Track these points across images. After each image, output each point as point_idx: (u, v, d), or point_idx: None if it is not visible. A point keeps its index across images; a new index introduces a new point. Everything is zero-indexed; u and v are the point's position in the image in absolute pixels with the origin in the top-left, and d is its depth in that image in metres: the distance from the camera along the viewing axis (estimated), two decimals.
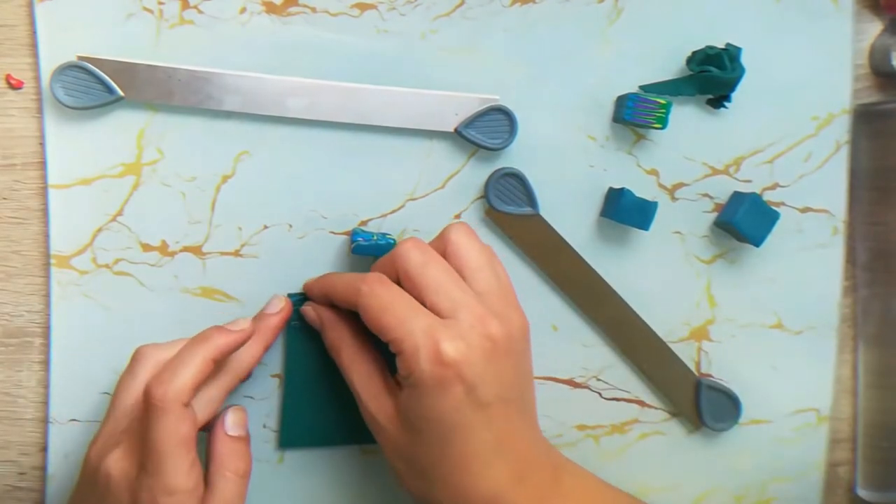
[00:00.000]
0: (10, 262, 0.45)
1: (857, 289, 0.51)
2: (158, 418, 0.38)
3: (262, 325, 0.44)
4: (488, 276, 0.41)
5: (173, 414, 0.38)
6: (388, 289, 0.40)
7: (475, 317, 0.39)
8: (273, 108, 0.45)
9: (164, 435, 0.38)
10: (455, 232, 0.42)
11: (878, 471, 0.50)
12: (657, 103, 0.46)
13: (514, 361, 0.41)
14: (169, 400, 0.38)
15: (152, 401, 0.38)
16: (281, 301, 0.45)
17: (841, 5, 0.48)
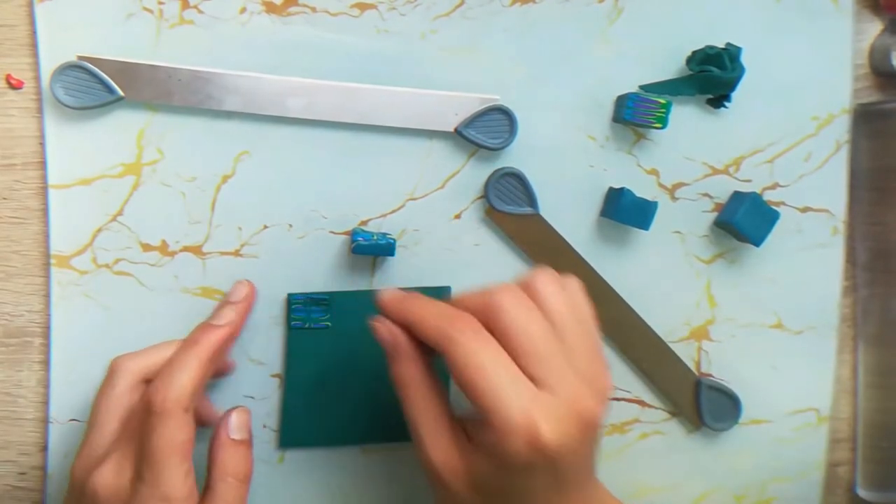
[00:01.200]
0: (10, 262, 0.45)
1: (857, 289, 0.51)
2: (159, 424, 0.38)
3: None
4: (580, 334, 0.38)
5: (174, 420, 0.38)
6: (486, 345, 0.36)
7: (574, 393, 0.36)
8: (273, 108, 0.45)
9: (164, 441, 0.38)
10: (543, 282, 0.38)
11: (877, 471, 0.50)
12: (657, 103, 0.46)
13: (600, 433, 0.38)
14: (169, 406, 0.38)
15: (153, 407, 0.38)
16: (245, 287, 0.45)
17: (841, 5, 0.48)
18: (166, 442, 0.38)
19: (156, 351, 0.42)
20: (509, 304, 0.37)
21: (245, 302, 0.45)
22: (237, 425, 0.41)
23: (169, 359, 0.41)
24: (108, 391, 0.41)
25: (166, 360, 0.41)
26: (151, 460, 0.37)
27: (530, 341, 0.37)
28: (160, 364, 0.41)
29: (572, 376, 0.37)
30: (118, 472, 0.38)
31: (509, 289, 0.38)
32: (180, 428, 0.38)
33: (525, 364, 0.36)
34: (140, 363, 0.41)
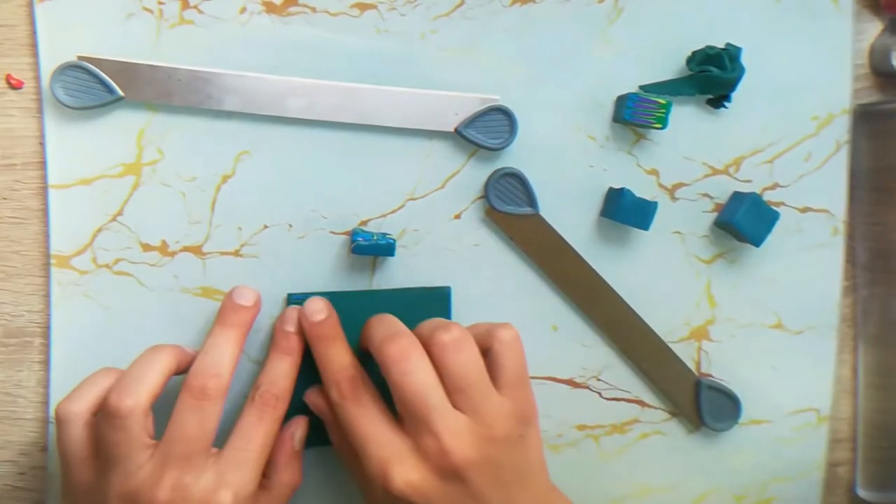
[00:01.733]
0: (10, 262, 0.45)
1: (857, 289, 0.51)
2: (122, 427, 0.39)
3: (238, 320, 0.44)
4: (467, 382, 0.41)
5: (137, 421, 0.39)
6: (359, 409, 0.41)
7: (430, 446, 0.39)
8: (273, 108, 0.45)
9: (129, 441, 0.39)
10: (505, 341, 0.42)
11: (878, 471, 0.50)
12: (657, 103, 0.46)
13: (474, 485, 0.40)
14: (131, 409, 0.39)
15: (114, 413, 0.39)
16: (252, 294, 0.44)
17: (841, 5, 0.48)
18: (128, 440, 0.39)
19: (94, 384, 0.42)
20: (391, 361, 0.40)
21: (253, 308, 0.45)
22: (300, 438, 0.45)
23: (130, 366, 0.41)
24: (66, 440, 0.40)
25: (107, 389, 0.41)
26: (114, 456, 0.39)
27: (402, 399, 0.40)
28: (102, 396, 0.41)
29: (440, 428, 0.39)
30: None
31: (393, 345, 0.41)
32: (141, 428, 0.39)
33: (403, 418, 0.41)
34: (84, 403, 0.41)
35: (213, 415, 0.40)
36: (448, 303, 0.47)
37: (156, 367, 0.41)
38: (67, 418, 0.40)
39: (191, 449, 0.39)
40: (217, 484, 0.39)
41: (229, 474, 0.39)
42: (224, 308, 0.44)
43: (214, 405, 0.40)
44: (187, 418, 0.39)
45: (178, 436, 0.39)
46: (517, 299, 0.48)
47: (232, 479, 0.39)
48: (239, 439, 0.41)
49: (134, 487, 0.39)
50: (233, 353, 0.42)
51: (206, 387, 0.40)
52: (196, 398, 0.40)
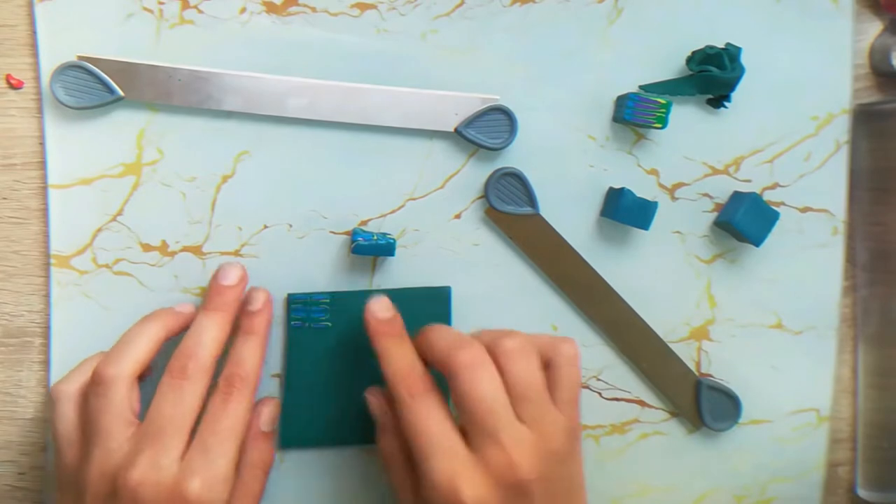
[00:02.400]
0: (10, 262, 0.45)
1: (857, 289, 0.51)
2: (104, 394, 0.39)
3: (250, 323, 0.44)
4: (531, 401, 0.40)
5: (120, 391, 0.40)
6: (430, 409, 0.40)
7: (500, 459, 0.38)
8: (273, 108, 0.45)
9: (110, 409, 0.39)
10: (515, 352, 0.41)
11: (878, 471, 0.50)
12: (657, 103, 0.46)
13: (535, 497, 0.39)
14: (115, 376, 0.40)
15: (100, 381, 0.40)
16: (262, 296, 0.45)
17: (841, 5, 0.48)
18: (114, 410, 0.39)
19: (88, 365, 0.42)
20: (462, 368, 0.40)
21: (264, 313, 0.45)
22: (267, 419, 0.44)
23: (122, 336, 0.42)
24: (60, 418, 0.41)
25: (157, 343, 0.42)
26: (99, 428, 0.39)
27: (472, 410, 0.39)
28: (150, 355, 0.42)
29: (510, 445, 0.39)
30: None
31: (467, 350, 0.40)
32: (126, 398, 0.40)
33: (466, 427, 0.40)
34: (76, 383, 0.42)
35: (191, 395, 0.40)
36: (448, 303, 0.47)
37: (143, 337, 0.42)
38: (59, 397, 0.41)
39: (167, 428, 0.39)
40: (184, 473, 0.38)
41: (196, 461, 0.39)
42: (209, 290, 0.44)
43: (193, 385, 0.40)
44: (165, 398, 0.39)
45: (155, 415, 0.39)
46: (517, 299, 0.48)
47: (199, 466, 0.38)
48: (205, 426, 0.40)
49: (112, 467, 0.38)
50: (216, 335, 0.42)
51: (185, 367, 0.40)
52: (175, 377, 0.40)
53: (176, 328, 0.43)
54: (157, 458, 0.38)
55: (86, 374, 0.42)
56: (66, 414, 0.41)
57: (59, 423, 0.41)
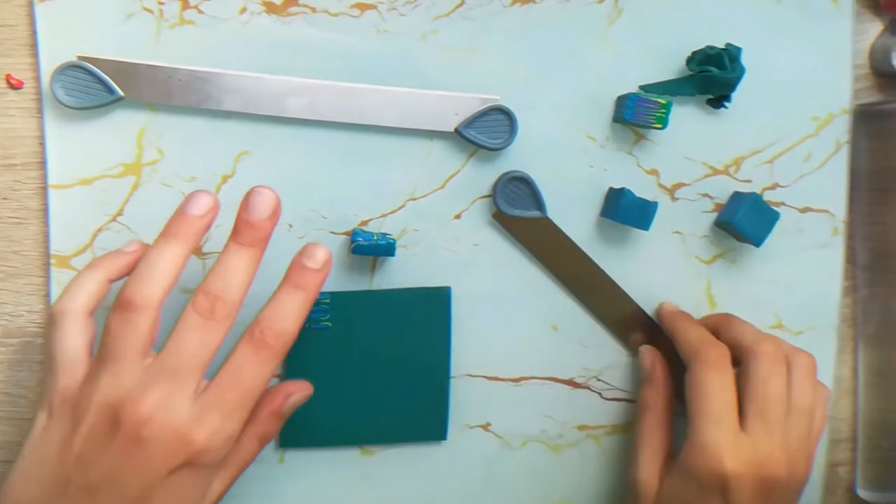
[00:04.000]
0: (10, 262, 0.45)
1: (857, 289, 0.51)
2: (131, 321, 0.37)
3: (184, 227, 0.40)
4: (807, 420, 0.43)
5: (148, 318, 0.37)
6: (722, 378, 0.42)
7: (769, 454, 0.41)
8: (273, 108, 0.45)
9: (132, 336, 0.37)
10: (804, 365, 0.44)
11: (878, 471, 0.50)
12: (657, 103, 0.46)
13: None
14: (145, 304, 0.37)
15: (126, 306, 0.37)
16: (324, 255, 0.41)
17: (841, 5, 0.48)
18: (135, 335, 0.37)
19: (89, 281, 0.40)
20: (767, 358, 0.43)
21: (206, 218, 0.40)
22: (292, 404, 0.42)
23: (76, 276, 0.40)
24: (62, 337, 0.38)
25: (107, 280, 0.40)
26: (114, 350, 0.37)
27: (764, 397, 0.42)
28: (100, 293, 0.40)
29: (778, 442, 0.42)
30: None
31: (773, 344, 0.44)
32: (83, 330, 0.38)
33: (747, 409, 0.42)
34: (81, 300, 0.39)
35: (216, 336, 0.37)
36: (448, 303, 0.47)
37: (168, 259, 0.38)
38: (63, 316, 0.38)
39: (185, 367, 0.37)
40: (195, 418, 0.36)
41: (210, 412, 0.37)
42: (238, 223, 0.40)
43: (219, 327, 0.37)
44: (189, 335, 0.37)
45: (175, 351, 0.37)
46: (517, 299, 0.48)
47: (211, 419, 0.36)
48: (228, 376, 0.37)
49: (119, 396, 0.36)
50: (246, 277, 0.39)
51: (213, 308, 0.37)
52: (202, 316, 0.37)
53: (199, 240, 0.40)
54: (171, 397, 0.36)
55: (89, 291, 0.39)
56: (72, 333, 0.38)
57: (60, 343, 0.38)
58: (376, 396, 0.47)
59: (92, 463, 0.36)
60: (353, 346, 0.47)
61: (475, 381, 0.48)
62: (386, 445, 0.48)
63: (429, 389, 0.47)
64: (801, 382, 0.43)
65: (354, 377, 0.47)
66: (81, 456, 0.36)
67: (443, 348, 0.47)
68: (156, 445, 0.35)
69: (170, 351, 0.37)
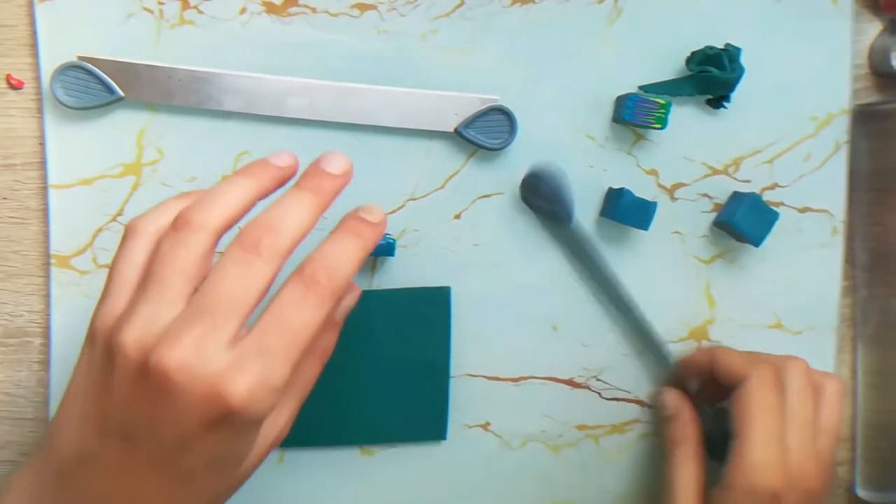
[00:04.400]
0: (9, 262, 0.45)
1: (857, 289, 0.51)
2: (183, 241, 0.33)
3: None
4: (830, 437, 0.45)
5: (203, 242, 0.33)
6: (774, 395, 0.43)
7: (802, 469, 0.43)
8: (273, 109, 0.45)
9: (181, 261, 0.33)
10: (830, 384, 0.45)
11: (877, 471, 0.50)
12: (657, 103, 0.46)
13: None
14: (201, 225, 0.34)
15: (182, 226, 0.34)
16: (380, 214, 0.37)
17: (840, 5, 0.48)
18: (188, 258, 0.33)
19: (172, 206, 0.36)
20: (799, 375, 0.44)
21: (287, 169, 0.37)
22: (345, 309, 0.39)
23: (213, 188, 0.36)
24: (126, 255, 0.35)
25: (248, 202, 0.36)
26: (160, 278, 0.33)
27: (795, 412, 0.43)
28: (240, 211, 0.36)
29: (810, 453, 0.43)
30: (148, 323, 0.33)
31: (801, 362, 0.45)
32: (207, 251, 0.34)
33: (786, 426, 0.43)
34: (153, 224, 0.35)
35: (261, 275, 0.33)
36: (448, 303, 0.47)
37: (237, 191, 0.35)
38: (133, 233, 0.35)
39: (225, 308, 0.32)
40: (232, 369, 0.31)
41: (250, 361, 0.32)
42: (308, 171, 0.36)
43: (266, 265, 0.33)
44: (230, 272, 0.32)
45: (213, 289, 0.32)
46: (517, 299, 0.48)
47: (251, 369, 0.31)
48: (272, 318, 0.33)
49: (150, 338, 0.32)
50: (304, 220, 0.35)
51: (259, 241, 0.33)
52: (246, 251, 0.33)
53: (272, 187, 0.37)
54: (203, 343, 0.31)
55: (167, 216, 0.35)
56: (135, 253, 0.35)
57: (121, 261, 0.35)
58: (376, 396, 0.47)
59: (128, 407, 0.32)
60: (353, 346, 0.47)
61: (475, 380, 0.48)
62: (386, 445, 0.48)
63: (428, 389, 0.47)
64: (802, 393, 0.44)
65: (354, 377, 0.47)
66: (118, 397, 0.32)
67: (442, 348, 0.47)
68: (187, 398, 0.31)
69: (206, 290, 0.32)
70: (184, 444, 0.32)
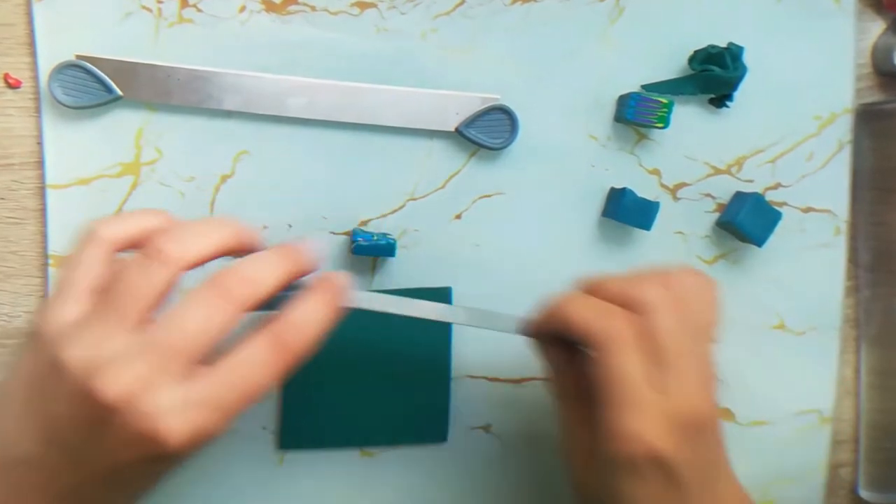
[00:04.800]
0: (7, 262, 0.45)
1: (860, 289, 0.50)
2: (153, 273, 0.33)
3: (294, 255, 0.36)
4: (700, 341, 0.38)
5: (234, 314, 0.33)
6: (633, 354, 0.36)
7: (688, 400, 0.36)
8: (273, 108, 0.45)
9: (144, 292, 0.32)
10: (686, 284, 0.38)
11: (880, 472, 0.50)
12: (659, 103, 0.46)
13: (717, 436, 0.39)
14: (175, 259, 0.33)
15: (154, 254, 0.33)
16: (316, 250, 0.37)
17: (843, 4, 0.48)
18: (148, 286, 0.32)
19: (136, 220, 0.35)
20: (660, 307, 0.37)
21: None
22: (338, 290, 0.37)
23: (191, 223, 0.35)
24: (83, 261, 0.34)
25: (146, 230, 0.35)
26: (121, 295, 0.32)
27: (667, 348, 0.36)
28: (139, 235, 0.35)
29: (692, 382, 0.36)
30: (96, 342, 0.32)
31: (656, 285, 0.37)
32: (171, 282, 0.33)
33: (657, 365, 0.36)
34: (119, 232, 0.35)
35: (223, 321, 0.33)
36: (448, 303, 0.47)
37: (216, 234, 0.35)
38: (94, 239, 0.34)
39: (181, 345, 0.32)
40: (177, 411, 0.31)
41: (196, 409, 0.32)
42: (284, 245, 0.36)
43: (231, 313, 0.33)
44: (195, 312, 0.32)
45: (174, 325, 0.32)
46: (517, 299, 0.48)
47: (195, 416, 0.32)
48: (233, 373, 0.33)
49: (97, 360, 0.31)
50: (278, 277, 0.34)
51: (233, 289, 0.33)
52: (219, 295, 0.33)
53: (243, 248, 0.36)
54: (151, 378, 0.31)
55: (131, 227, 0.35)
56: (92, 261, 0.34)
57: (76, 266, 0.34)
58: (377, 398, 0.47)
59: (70, 425, 0.32)
60: (354, 347, 0.46)
61: (476, 382, 0.48)
62: (386, 447, 0.48)
63: (429, 391, 0.47)
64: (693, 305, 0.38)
65: (355, 378, 0.47)
66: (61, 412, 0.32)
67: (443, 349, 0.47)
68: (125, 431, 0.31)
69: (167, 324, 0.32)
70: (118, 469, 0.32)
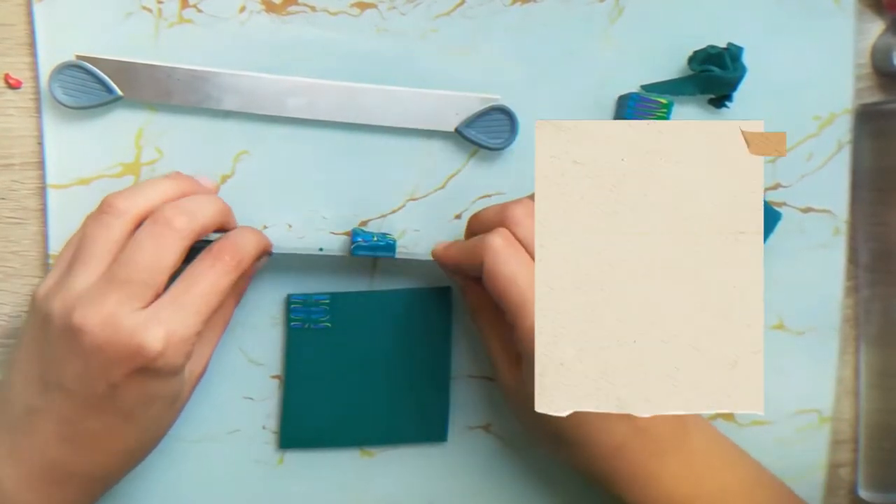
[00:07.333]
0: (8, 262, 0.45)
1: (859, 289, 0.50)
2: (106, 224, 0.39)
3: None
4: None
5: (180, 241, 0.38)
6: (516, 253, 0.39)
7: None
8: (272, 108, 0.45)
9: (102, 241, 0.38)
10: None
11: (879, 472, 0.50)
12: (658, 103, 0.46)
13: None
14: (124, 210, 0.39)
15: (108, 207, 0.39)
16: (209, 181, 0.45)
17: (843, 4, 0.48)
18: (106, 235, 0.38)
19: (152, 188, 0.41)
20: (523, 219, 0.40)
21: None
22: (259, 265, 0.44)
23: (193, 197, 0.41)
24: (103, 231, 0.39)
25: (167, 197, 0.41)
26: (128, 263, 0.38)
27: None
28: (158, 203, 0.40)
29: None
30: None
31: (519, 205, 0.41)
32: (178, 249, 0.38)
33: None
34: (138, 202, 0.40)
35: (172, 249, 0.38)
36: (449, 303, 0.47)
37: (160, 188, 0.41)
38: (111, 210, 0.39)
39: (138, 278, 0.37)
40: (146, 324, 0.36)
41: (163, 313, 0.37)
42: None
43: (177, 241, 0.38)
44: (144, 244, 0.38)
45: (129, 260, 0.37)
46: None
47: (164, 320, 0.37)
48: (183, 283, 0.38)
49: (72, 305, 0.37)
50: (215, 212, 0.40)
51: (172, 220, 0.38)
52: (160, 226, 0.38)
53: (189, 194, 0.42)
54: (119, 308, 0.36)
55: (146, 198, 0.40)
56: (74, 238, 0.41)
57: (99, 235, 0.39)
58: (376, 397, 0.47)
59: (61, 364, 0.37)
60: (354, 346, 0.46)
61: (476, 382, 0.48)
62: (386, 447, 0.48)
63: (429, 390, 0.47)
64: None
65: (354, 378, 0.47)
66: (52, 356, 0.38)
67: (443, 349, 0.47)
68: (110, 351, 0.36)
69: (122, 260, 0.38)
70: (116, 391, 0.37)
